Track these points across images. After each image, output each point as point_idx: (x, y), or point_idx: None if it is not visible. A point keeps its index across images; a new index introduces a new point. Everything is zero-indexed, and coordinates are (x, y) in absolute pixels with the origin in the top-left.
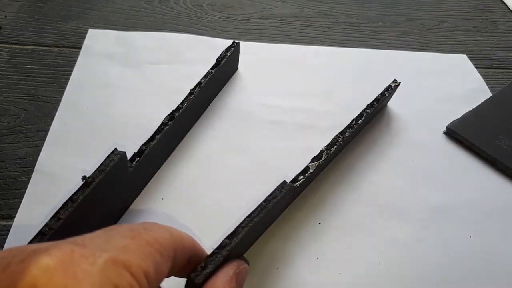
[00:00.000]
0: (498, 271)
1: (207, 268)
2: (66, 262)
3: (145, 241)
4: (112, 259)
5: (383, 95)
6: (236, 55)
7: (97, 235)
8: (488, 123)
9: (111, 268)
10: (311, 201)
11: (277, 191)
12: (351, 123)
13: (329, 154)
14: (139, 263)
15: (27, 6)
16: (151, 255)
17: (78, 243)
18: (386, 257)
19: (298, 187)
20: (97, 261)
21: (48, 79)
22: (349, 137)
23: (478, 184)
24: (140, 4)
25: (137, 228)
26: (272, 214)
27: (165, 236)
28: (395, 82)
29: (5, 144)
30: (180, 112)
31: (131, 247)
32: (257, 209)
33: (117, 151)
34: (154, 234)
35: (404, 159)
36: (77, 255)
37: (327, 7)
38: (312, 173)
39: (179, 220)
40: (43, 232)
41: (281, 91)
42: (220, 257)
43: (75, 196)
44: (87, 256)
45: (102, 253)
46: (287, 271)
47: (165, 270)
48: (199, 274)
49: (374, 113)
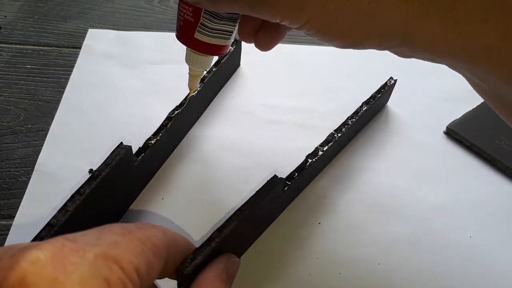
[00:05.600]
0: (498, 271)
1: (196, 260)
2: (56, 255)
3: (137, 238)
4: (103, 253)
5: (378, 93)
6: (238, 53)
7: (88, 232)
8: (488, 123)
9: (101, 261)
10: (311, 201)
11: (268, 185)
12: (346, 121)
13: (324, 152)
14: (130, 259)
15: (27, 6)
16: (143, 253)
17: (69, 238)
18: (386, 257)
19: (293, 183)
20: (87, 254)
21: (48, 79)
22: (346, 135)
23: (478, 184)
24: (140, 4)
25: (129, 226)
26: (266, 210)
27: (158, 235)
28: (391, 79)
29: (5, 144)
30: (183, 107)
31: (122, 243)
32: (247, 203)
33: (123, 145)
34: (146, 232)
35: (404, 159)
36: (67, 249)
37: None
38: (307, 170)
39: (179, 220)
40: (51, 224)
41: (281, 91)
42: (209, 248)
43: (82, 189)
44: (77, 250)
45: (92, 247)
46: (287, 271)
47: (157, 269)
48: (188, 265)
49: (371, 111)
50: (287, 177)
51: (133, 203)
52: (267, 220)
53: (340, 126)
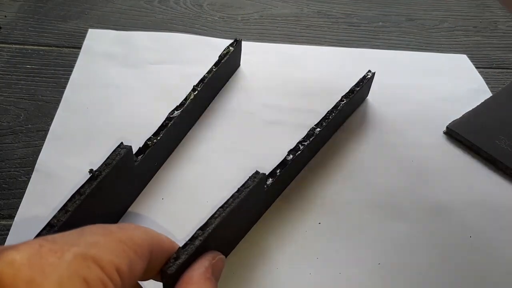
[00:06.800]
0: (498, 271)
1: (179, 259)
2: (33, 257)
3: (118, 238)
4: (82, 253)
5: (357, 86)
6: (238, 53)
7: (69, 233)
8: (488, 123)
9: (80, 261)
10: (311, 201)
11: (249, 181)
12: (327, 115)
13: (306, 146)
14: (110, 259)
15: (27, 6)
16: (124, 253)
17: (48, 239)
18: (386, 257)
19: (277, 179)
20: (65, 255)
21: (48, 79)
22: (328, 128)
23: (478, 184)
24: (140, 4)
25: (110, 227)
26: (249, 206)
27: (140, 236)
28: (369, 72)
29: (5, 144)
30: (183, 108)
31: (102, 243)
32: (230, 200)
33: (123, 145)
34: (128, 233)
35: (404, 159)
36: (45, 250)
37: (327, 7)
38: (290, 165)
39: (179, 220)
40: (51, 224)
41: (281, 91)
42: (193, 247)
43: (83, 189)
44: (55, 250)
45: (71, 247)
46: (287, 271)
47: (139, 269)
48: (172, 265)
49: (352, 104)
50: (270, 173)
51: (133, 203)
52: (254, 216)
53: (320, 120)
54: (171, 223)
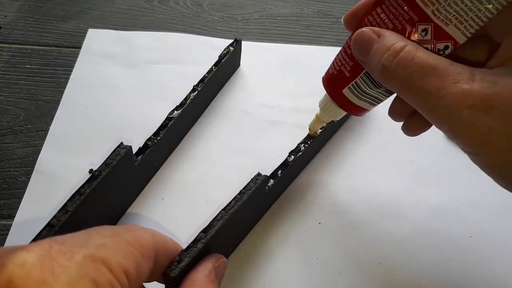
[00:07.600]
0: (498, 271)
1: (182, 262)
2: (43, 257)
3: (125, 240)
4: (91, 254)
5: None
6: (238, 53)
7: (77, 234)
8: None
9: (89, 263)
10: (311, 201)
11: (252, 183)
12: None
13: (306, 147)
14: (118, 261)
15: (27, 6)
16: (132, 254)
17: (58, 240)
18: (386, 257)
19: (278, 180)
20: (75, 256)
21: (48, 79)
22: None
23: (478, 184)
24: (140, 4)
25: (118, 228)
26: (251, 208)
27: (146, 237)
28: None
29: (5, 144)
30: (183, 108)
31: (110, 245)
32: (232, 202)
33: (123, 145)
34: (135, 235)
35: (404, 159)
36: (55, 251)
37: (327, 7)
38: (292, 166)
39: (179, 220)
40: (51, 224)
41: (281, 91)
42: (196, 250)
43: (83, 189)
44: (65, 251)
45: (80, 249)
46: (287, 271)
47: (146, 270)
48: (174, 268)
49: None
50: (271, 175)
51: (133, 203)
52: (255, 217)
53: None
54: (171, 223)
